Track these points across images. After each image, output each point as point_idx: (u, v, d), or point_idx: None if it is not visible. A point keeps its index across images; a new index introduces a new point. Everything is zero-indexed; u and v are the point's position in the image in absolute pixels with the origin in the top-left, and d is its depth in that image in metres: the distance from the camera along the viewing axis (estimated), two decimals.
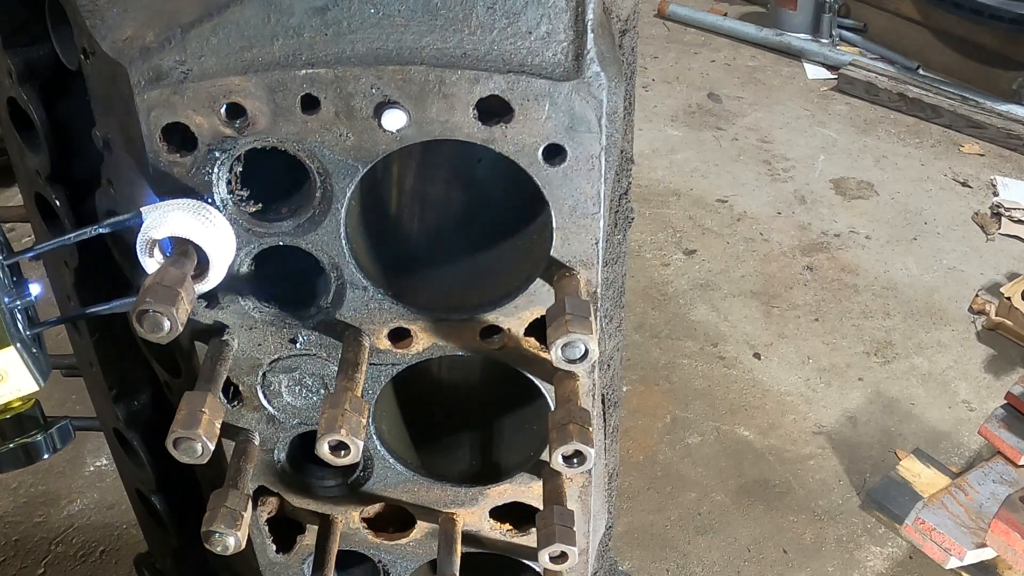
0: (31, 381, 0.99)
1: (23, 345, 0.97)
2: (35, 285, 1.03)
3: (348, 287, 1.02)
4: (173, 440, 0.95)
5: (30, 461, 1.09)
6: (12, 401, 1.04)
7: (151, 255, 0.92)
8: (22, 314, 0.99)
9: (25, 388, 0.99)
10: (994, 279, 3.71)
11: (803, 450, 2.99)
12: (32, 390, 1.00)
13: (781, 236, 3.95)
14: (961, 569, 2.58)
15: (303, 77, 0.89)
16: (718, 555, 2.66)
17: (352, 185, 0.95)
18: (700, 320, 3.50)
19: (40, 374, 0.99)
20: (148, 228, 0.91)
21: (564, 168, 0.93)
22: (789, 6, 5.46)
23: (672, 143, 4.60)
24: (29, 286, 1.02)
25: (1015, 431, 2.67)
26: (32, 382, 0.99)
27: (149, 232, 0.91)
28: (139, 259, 0.93)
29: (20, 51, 1.15)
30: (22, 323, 0.99)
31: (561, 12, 0.89)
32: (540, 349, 1.06)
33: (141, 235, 0.92)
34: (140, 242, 0.92)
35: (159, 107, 0.90)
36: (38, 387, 1.00)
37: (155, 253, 0.92)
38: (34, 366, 0.98)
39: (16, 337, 0.96)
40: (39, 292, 1.03)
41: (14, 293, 0.99)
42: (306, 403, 1.13)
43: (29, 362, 0.97)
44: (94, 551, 2.63)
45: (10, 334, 0.95)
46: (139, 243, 0.92)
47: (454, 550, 1.20)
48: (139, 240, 0.92)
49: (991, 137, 4.61)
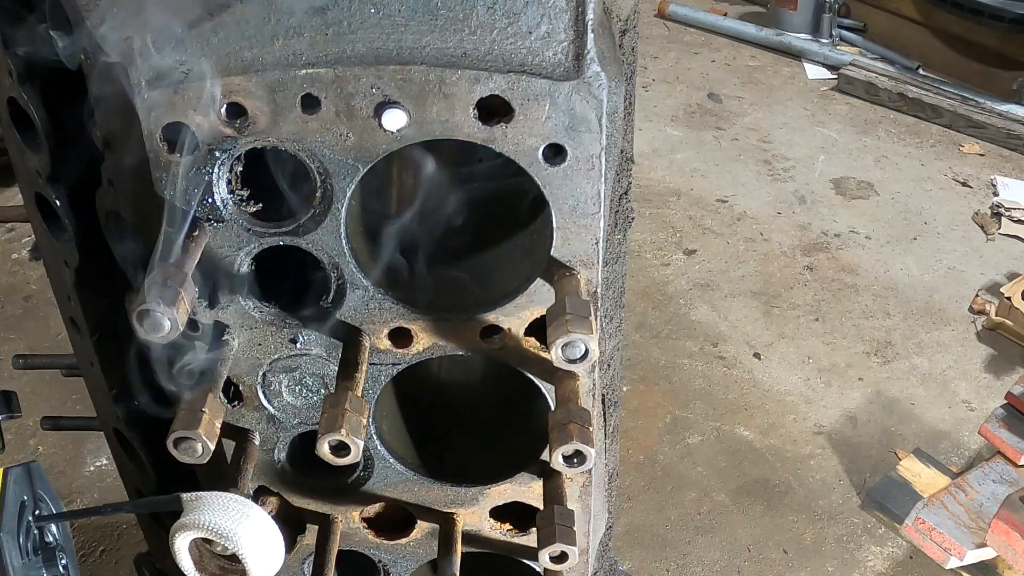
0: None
1: None
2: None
3: (348, 287, 1.02)
4: (173, 440, 0.95)
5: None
6: None
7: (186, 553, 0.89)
8: None
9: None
10: (994, 279, 3.71)
11: (803, 450, 2.99)
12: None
13: (781, 236, 3.95)
14: (961, 569, 2.58)
15: (303, 77, 0.89)
16: (718, 555, 2.66)
17: (352, 185, 0.95)
18: (700, 320, 3.49)
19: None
20: (182, 525, 0.87)
21: (564, 168, 0.93)
22: (789, 6, 5.46)
23: (672, 143, 4.60)
24: None
25: (1015, 431, 2.67)
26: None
27: (184, 529, 0.87)
28: None
29: (20, 51, 1.15)
30: None
31: (561, 12, 0.89)
32: (540, 349, 1.06)
33: (176, 528, 0.88)
34: (175, 532, 0.88)
35: (159, 107, 0.90)
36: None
37: None
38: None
39: None
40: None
41: None
42: (306, 403, 1.13)
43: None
44: (94, 551, 2.63)
45: None
46: (175, 533, 0.88)
47: (454, 550, 1.20)
48: (175, 530, 0.88)
49: (991, 137, 4.60)
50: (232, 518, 0.87)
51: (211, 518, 0.87)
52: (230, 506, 0.88)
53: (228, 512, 0.87)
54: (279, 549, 0.91)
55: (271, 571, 0.90)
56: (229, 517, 0.87)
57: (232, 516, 0.87)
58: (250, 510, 0.89)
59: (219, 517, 0.87)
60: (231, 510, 0.88)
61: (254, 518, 0.88)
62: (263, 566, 0.89)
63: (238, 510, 0.88)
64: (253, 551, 0.87)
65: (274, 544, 0.90)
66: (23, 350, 2.72)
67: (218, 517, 0.87)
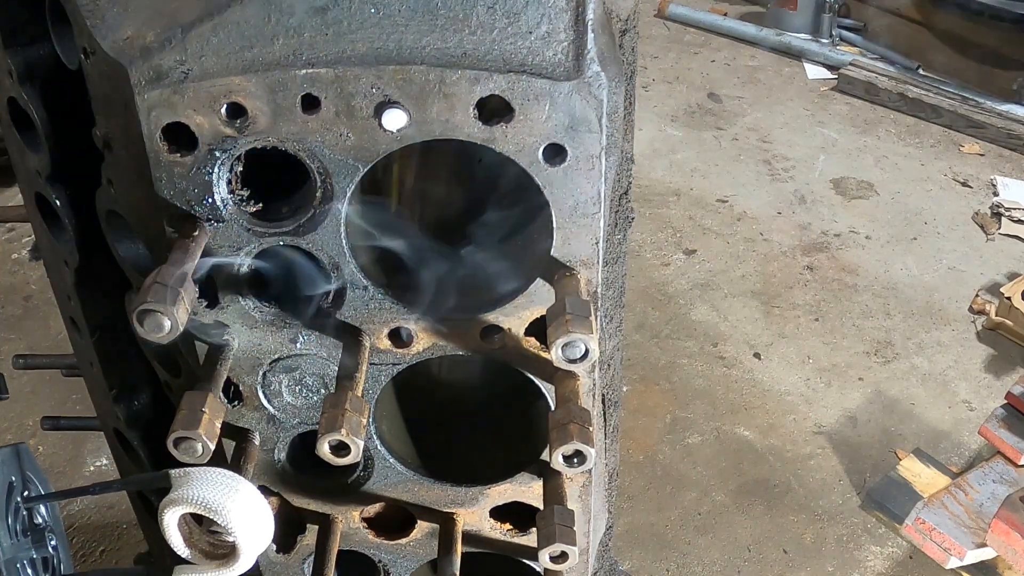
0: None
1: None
2: None
3: (348, 287, 1.02)
4: (173, 440, 0.94)
5: None
6: None
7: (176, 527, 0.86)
8: None
9: None
10: (994, 279, 3.71)
11: (803, 450, 2.99)
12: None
13: (781, 236, 3.95)
14: (961, 569, 2.58)
15: (303, 77, 0.89)
16: (718, 555, 2.66)
17: (352, 185, 0.95)
18: (700, 320, 3.50)
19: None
20: (171, 500, 0.85)
21: (564, 168, 0.93)
22: (789, 6, 5.46)
23: (672, 143, 4.60)
24: None
25: (1015, 431, 2.67)
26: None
27: (172, 504, 0.85)
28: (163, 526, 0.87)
29: (20, 51, 1.15)
30: None
31: (561, 12, 0.89)
32: (540, 349, 1.06)
33: (164, 504, 0.86)
34: (164, 508, 0.86)
35: (159, 107, 0.90)
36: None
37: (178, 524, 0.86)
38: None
39: None
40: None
41: None
42: (306, 403, 1.13)
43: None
44: (94, 551, 2.63)
45: None
46: (163, 509, 0.86)
47: (454, 550, 1.20)
48: (164, 505, 0.86)
49: (991, 137, 4.61)
50: (221, 492, 0.86)
51: (200, 493, 0.85)
52: (219, 481, 0.87)
53: (217, 486, 0.86)
54: (269, 523, 0.89)
55: (261, 545, 0.88)
56: (218, 491, 0.86)
57: (221, 490, 0.86)
58: (239, 484, 0.87)
59: (208, 491, 0.85)
60: (220, 484, 0.86)
61: (243, 492, 0.87)
62: (253, 540, 0.87)
63: (227, 484, 0.86)
64: (243, 525, 0.86)
65: (264, 518, 0.89)
66: (23, 350, 2.72)
67: (207, 491, 0.85)
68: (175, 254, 0.92)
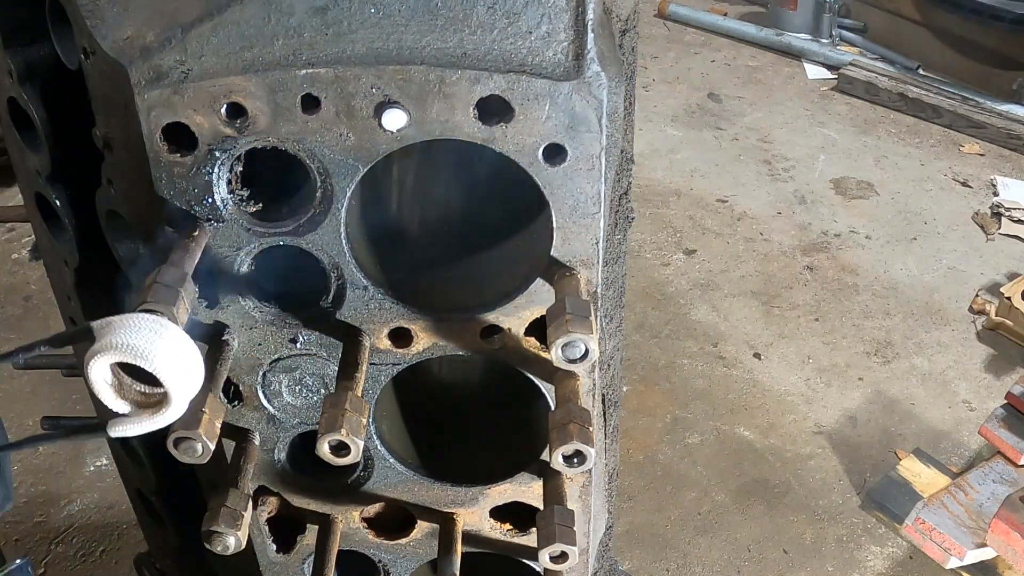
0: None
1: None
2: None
3: (348, 287, 1.02)
4: (173, 440, 0.95)
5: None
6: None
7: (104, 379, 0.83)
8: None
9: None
10: (994, 279, 3.71)
11: (803, 450, 2.99)
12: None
13: (781, 236, 3.95)
14: (961, 569, 2.58)
15: (303, 77, 0.89)
16: (718, 555, 2.66)
17: (352, 185, 0.95)
18: (700, 320, 3.50)
19: None
20: (94, 351, 0.81)
21: (564, 168, 0.93)
22: (789, 6, 5.46)
23: (672, 143, 4.60)
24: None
25: (1015, 431, 2.67)
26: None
27: (96, 355, 0.81)
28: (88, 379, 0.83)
29: (20, 51, 1.15)
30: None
31: (561, 12, 0.89)
32: (540, 349, 1.06)
33: (89, 355, 0.82)
34: (89, 360, 0.82)
35: (159, 107, 0.90)
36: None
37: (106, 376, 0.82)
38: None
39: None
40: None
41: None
42: (306, 403, 1.13)
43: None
44: (94, 551, 2.63)
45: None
46: (88, 362, 0.82)
47: (454, 550, 1.20)
48: (88, 358, 0.82)
49: (991, 137, 4.61)
50: (146, 337, 0.81)
51: (124, 338, 0.81)
52: (143, 325, 0.82)
53: (141, 331, 0.82)
54: (199, 367, 0.85)
55: (192, 390, 0.85)
56: (142, 336, 0.81)
57: (145, 335, 0.81)
58: (164, 328, 0.83)
59: (132, 336, 0.81)
60: (144, 329, 0.82)
61: (169, 336, 0.82)
62: (183, 385, 0.83)
63: (152, 328, 0.82)
64: (171, 369, 0.82)
65: (193, 361, 0.84)
66: None
67: (131, 336, 0.81)
68: (175, 254, 0.92)
